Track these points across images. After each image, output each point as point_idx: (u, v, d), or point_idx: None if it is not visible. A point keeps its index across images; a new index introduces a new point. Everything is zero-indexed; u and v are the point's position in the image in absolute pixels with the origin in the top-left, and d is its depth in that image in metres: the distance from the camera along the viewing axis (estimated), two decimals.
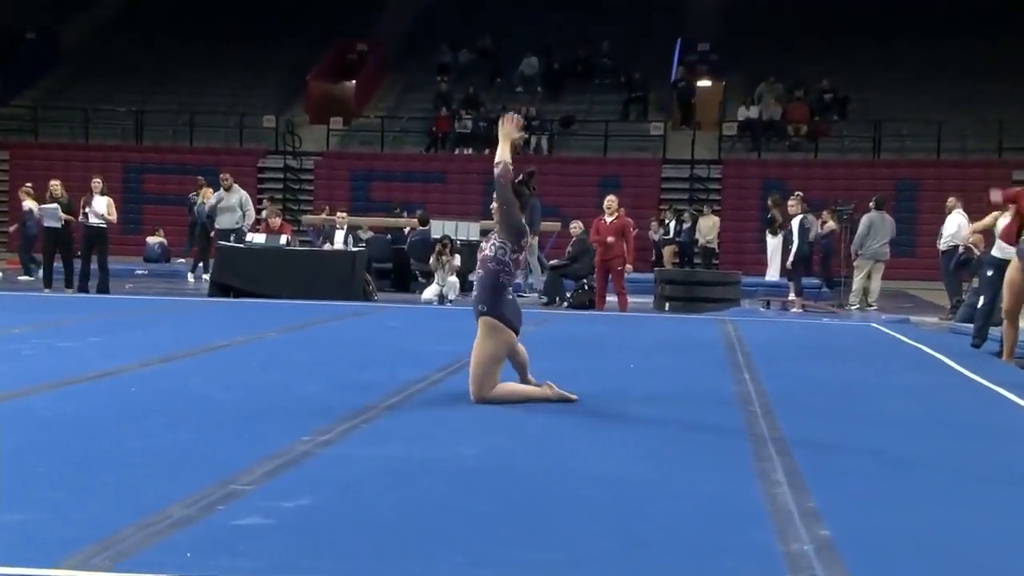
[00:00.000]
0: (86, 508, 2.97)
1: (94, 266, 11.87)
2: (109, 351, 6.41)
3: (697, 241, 18.42)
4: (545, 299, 12.73)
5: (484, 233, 17.99)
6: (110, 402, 4.68)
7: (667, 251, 18.73)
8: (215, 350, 6.66)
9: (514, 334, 4.86)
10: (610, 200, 11.26)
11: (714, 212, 18.90)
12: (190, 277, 15.42)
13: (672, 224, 18.82)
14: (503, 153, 4.69)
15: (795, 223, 12.39)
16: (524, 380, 5.01)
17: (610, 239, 11.01)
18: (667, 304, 12.03)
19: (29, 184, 16.19)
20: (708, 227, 18.32)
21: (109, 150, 22.67)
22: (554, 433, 4.27)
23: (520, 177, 4.87)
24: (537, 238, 13.79)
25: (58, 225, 11.94)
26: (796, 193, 13.15)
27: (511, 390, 4.85)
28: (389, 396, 4.92)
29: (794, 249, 12.27)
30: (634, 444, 4.09)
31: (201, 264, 15.75)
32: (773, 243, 15.61)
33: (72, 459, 3.56)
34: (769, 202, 15.91)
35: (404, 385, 5.23)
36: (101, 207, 11.81)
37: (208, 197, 15.86)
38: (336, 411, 4.51)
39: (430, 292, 12.52)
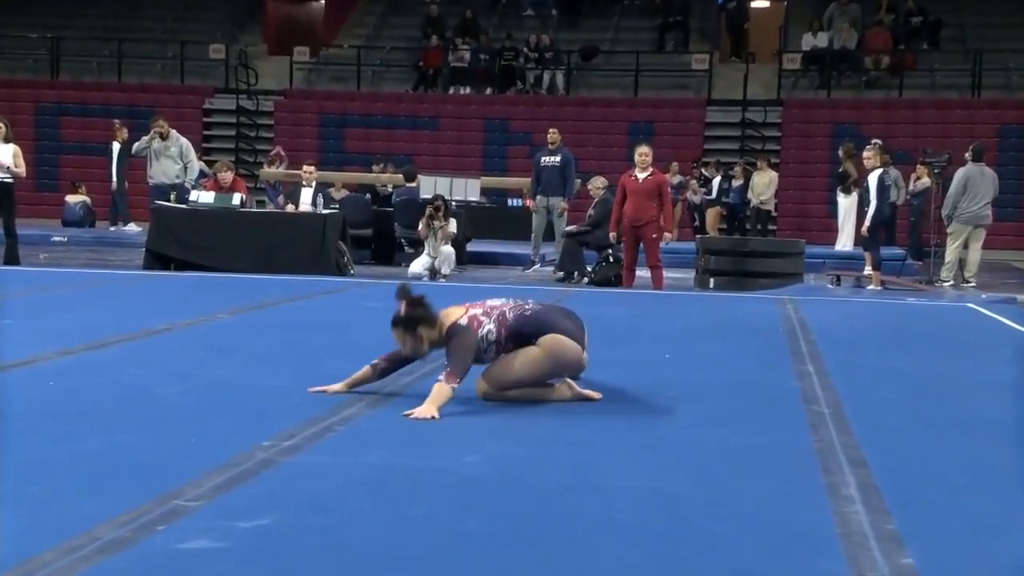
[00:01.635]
0: None
1: None
2: (21, 337, 6.43)
3: (749, 202, 18.36)
4: (560, 274, 12.75)
5: (485, 192, 18.14)
6: (23, 399, 4.70)
7: (711, 214, 18.71)
8: (153, 335, 6.69)
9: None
10: (642, 153, 11.19)
11: (771, 166, 18.81)
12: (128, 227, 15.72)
13: (716, 181, 18.73)
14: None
15: (872, 179, 12.35)
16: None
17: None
18: (712, 280, 12.03)
19: None
20: (763, 184, 18.23)
21: (17, 86, 22.68)
22: (573, 438, 4.29)
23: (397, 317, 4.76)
24: (566, 201, 13.67)
25: None
26: (874, 141, 13.10)
27: (522, 387, 4.87)
28: (369, 392, 4.94)
29: (871, 211, 12.23)
30: (671, 452, 4.11)
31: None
32: (845, 204, 15.58)
33: None
34: (840, 152, 15.86)
35: (388, 379, 5.24)
36: (6, 157, 11.80)
37: (124, 141, 16.01)
38: (304, 410, 4.53)
39: (419, 265, 12.54)
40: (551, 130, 14.00)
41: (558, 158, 13.63)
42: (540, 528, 3.14)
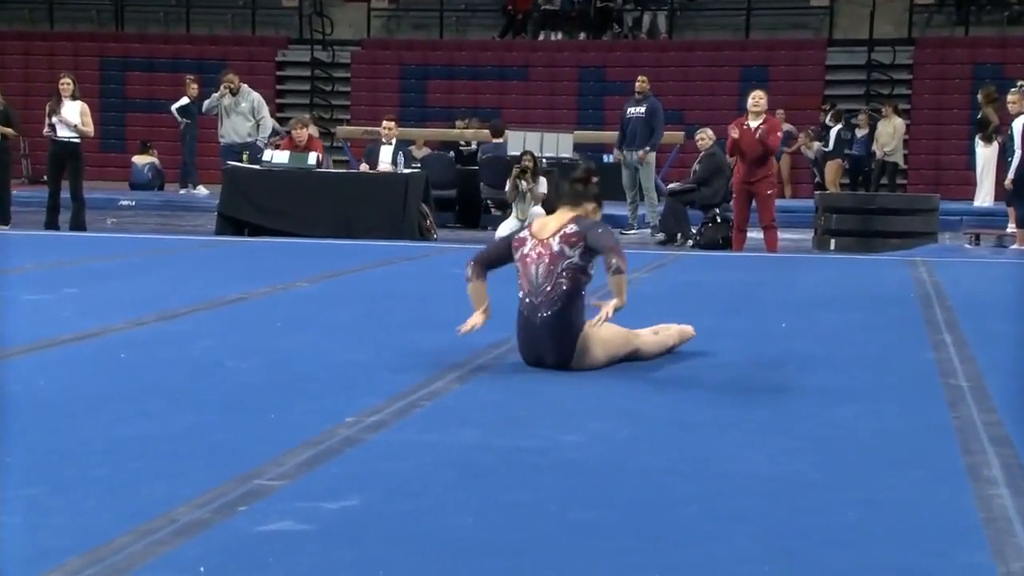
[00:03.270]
0: (69, 510, 3.09)
1: (65, 195, 12.21)
2: (90, 306, 6.62)
3: (874, 154, 17.95)
4: (663, 235, 12.67)
5: (579, 148, 18.11)
6: (94, 373, 4.84)
7: (831, 168, 18.35)
8: (228, 305, 6.82)
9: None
10: (756, 97, 11.01)
11: (897, 112, 18.28)
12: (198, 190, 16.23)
13: (836, 130, 18.31)
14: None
15: (1017, 125, 11.99)
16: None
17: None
18: (833, 241, 11.86)
19: None
20: (887, 134, 17.74)
21: (80, 39, 23.18)
22: (682, 417, 4.27)
23: (577, 173, 5.09)
24: (654, 153, 13.68)
25: None
26: (1019, 83, 12.72)
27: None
28: (458, 365, 4.98)
29: (1015, 162, 11.89)
30: (793, 432, 4.07)
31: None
32: (985, 154, 15.18)
33: (49, 447, 3.70)
34: (980, 96, 15.42)
35: (478, 351, 5.27)
36: (73, 115, 12.09)
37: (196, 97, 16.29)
38: (389, 385, 4.59)
39: (507, 228, 12.56)
40: (639, 77, 13.93)
41: (643, 108, 13.56)
42: (648, 517, 3.14)
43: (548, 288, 4.82)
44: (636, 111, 13.61)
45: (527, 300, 4.90)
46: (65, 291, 7.20)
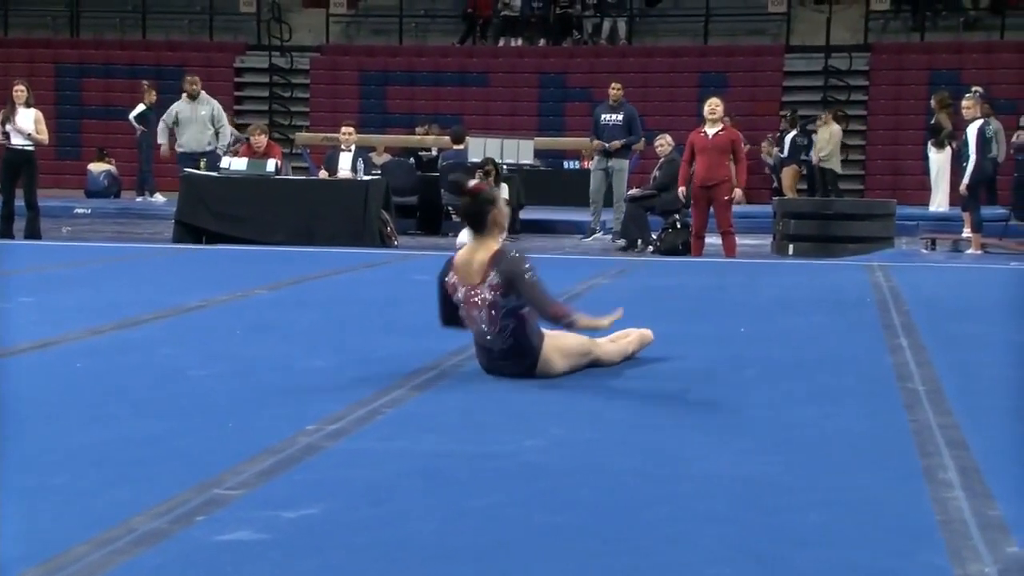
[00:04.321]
0: (27, 519, 3.05)
1: (19, 202, 12.09)
2: (47, 314, 6.55)
3: (809, 161, 17.88)
4: (623, 242, 12.72)
5: (540, 154, 18.13)
6: (51, 382, 4.79)
7: (787, 174, 18.45)
8: (187, 312, 6.78)
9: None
10: (713, 104, 11.09)
11: (836, 118, 18.01)
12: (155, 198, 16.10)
13: (792, 136, 18.38)
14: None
15: (972, 131, 12.14)
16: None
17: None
18: (791, 246, 11.94)
19: None
20: (824, 139, 17.63)
21: (35, 46, 22.98)
22: (646, 419, 4.28)
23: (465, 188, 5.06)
24: (626, 162, 13.66)
25: None
26: (974, 89, 12.90)
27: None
28: (420, 372, 4.97)
29: (970, 167, 12.03)
30: (754, 435, 4.09)
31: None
32: (939, 160, 15.36)
33: (4, 456, 3.65)
34: (933, 102, 15.61)
35: (439, 357, 5.27)
36: (27, 123, 11.97)
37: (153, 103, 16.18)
38: (350, 392, 4.57)
39: (468, 235, 12.54)
40: (613, 85, 13.91)
41: (620, 116, 13.56)
42: (613, 520, 3.14)
43: (496, 330, 4.80)
44: (612, 118, 13.60)
45: (479, 338, 4.90)
46: (21, 299, 7.12)
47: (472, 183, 5.15)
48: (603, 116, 13.69)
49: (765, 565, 2.84)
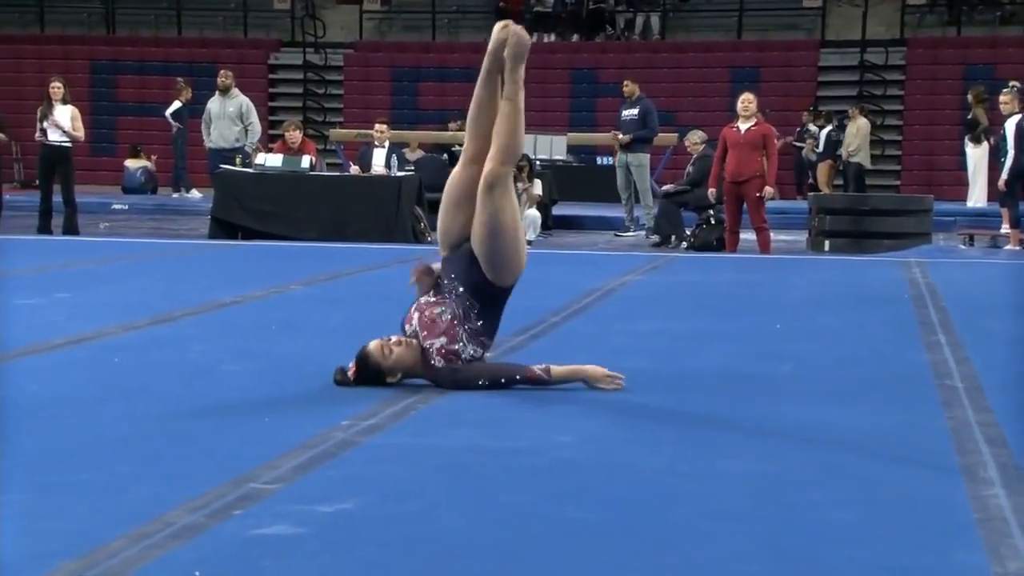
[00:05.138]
0: (62, 515, 3.08)
1: (57, 198, 12.19)
2: (82, 311, 6.60)
3: (839, 157, 17.75)
4: (657, 238, 12.69)
5: (572, 150, 18.09)
6: (87, 377, 4.83)
7: (822, 169, 18.34)
8: (221, 308, 6.81)
9: None
10: (745, 101, 11.06)
11: (862, 112, 17.88)
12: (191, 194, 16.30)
13: (827, 131, 18.27)
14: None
15: (1010, 126, 12.01)
16: None
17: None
18: (827, 242, 11.87)
19: None
20: (851, 134, 17.51)
21: (70, 43, 23.12)
22: (676, 416, 4.27)
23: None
24: (647, 156, 13.70)
25: None
26: (1012, 84, 12.74)
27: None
28: None
29: (1008, 162, 11.92)
30: (788, 432, 4.07)
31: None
32: (975, 155, 15.21)
33: (41, 451, 3.69)
34: (969, 97, 15.46)
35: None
36: (64, 119, 12.07)
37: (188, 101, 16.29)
38: (383, 388, 4.57)
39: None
40: (626, 82, 14.00)
41: (636, 110, 13.61)
42: (643, 516, 3.14)
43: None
44: (630, 113, 13.67)
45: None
46: (58, 295, 7.19)
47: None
48: (622, 111, 13.80)
49: (796, 563, 2.82)
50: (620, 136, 13.52)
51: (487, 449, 3.77)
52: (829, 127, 18.35)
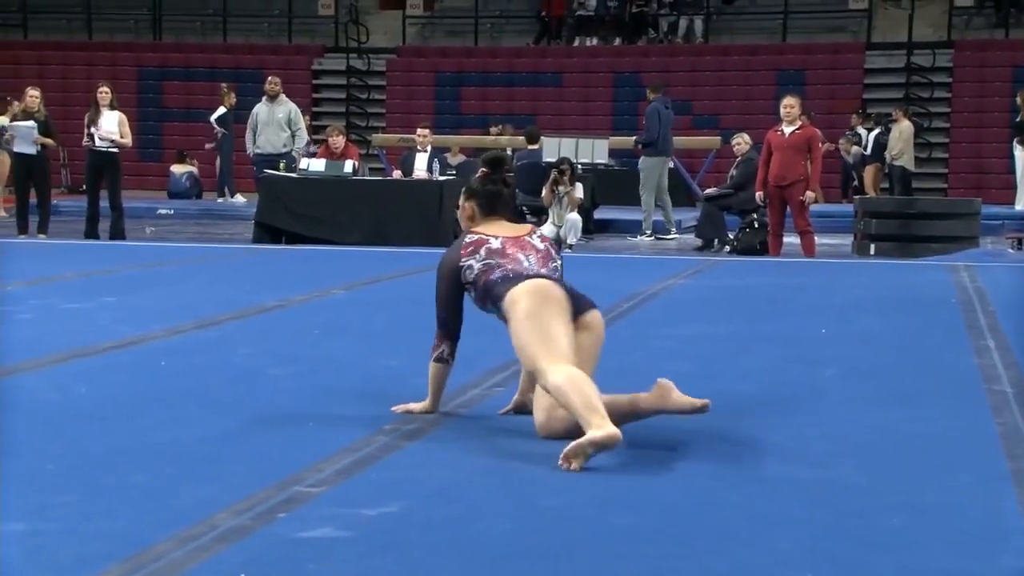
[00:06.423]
0: (108, 517, 3.11)
1: (104, 203, 12.32)
2: (129, 314, 6.67)
3: (884, 160, 17.58)
4: (700, 241, 12.64)
5: (614, 153, 18.07)
6: (133, 381, 4.88)
7: (869, 172, 18.18)
8: (265, 312, 6.86)
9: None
10: (788, 103, 11.00)
11: (906, 115, 17.68)
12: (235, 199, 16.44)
13: (874, 135, 18.11)
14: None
15: None
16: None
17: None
18: (872, 246, 11.77)
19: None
20: (895, 137, 17.34)
21: (118, 49, 23.38)
22: (721, 421, 4.25)
23: (481, 173, 4.50)
24: (671, 161, 13.77)
25: (33, 151, 12.27)
26: None
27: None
28: (496, 371, 4.97)
29: None
30: (835, 437, 4.04)
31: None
32: (1023, 158, 15.03)
33: (87, 454, 3.73)
34: (1019, 99, 15.29)
35: (512, 357, 5.25)
36: (111, 125, 12.16)
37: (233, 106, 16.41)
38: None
39: (548, 230, 12.55)
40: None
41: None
42: (688, 521, 3.13)
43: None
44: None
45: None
46: (104, 299, 7.26)
47: None
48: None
49: (843, 569, 2.80)
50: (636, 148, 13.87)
51: (529, 453, 3.76)
52: (877, 130, 18.19)
